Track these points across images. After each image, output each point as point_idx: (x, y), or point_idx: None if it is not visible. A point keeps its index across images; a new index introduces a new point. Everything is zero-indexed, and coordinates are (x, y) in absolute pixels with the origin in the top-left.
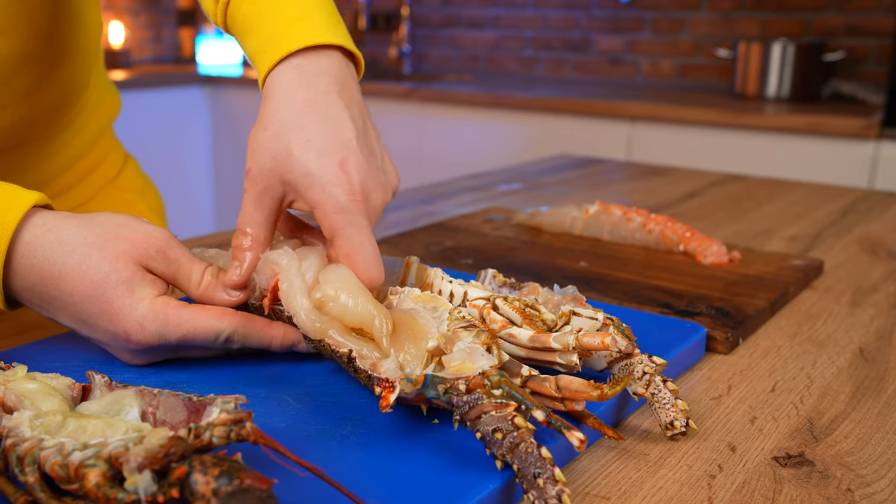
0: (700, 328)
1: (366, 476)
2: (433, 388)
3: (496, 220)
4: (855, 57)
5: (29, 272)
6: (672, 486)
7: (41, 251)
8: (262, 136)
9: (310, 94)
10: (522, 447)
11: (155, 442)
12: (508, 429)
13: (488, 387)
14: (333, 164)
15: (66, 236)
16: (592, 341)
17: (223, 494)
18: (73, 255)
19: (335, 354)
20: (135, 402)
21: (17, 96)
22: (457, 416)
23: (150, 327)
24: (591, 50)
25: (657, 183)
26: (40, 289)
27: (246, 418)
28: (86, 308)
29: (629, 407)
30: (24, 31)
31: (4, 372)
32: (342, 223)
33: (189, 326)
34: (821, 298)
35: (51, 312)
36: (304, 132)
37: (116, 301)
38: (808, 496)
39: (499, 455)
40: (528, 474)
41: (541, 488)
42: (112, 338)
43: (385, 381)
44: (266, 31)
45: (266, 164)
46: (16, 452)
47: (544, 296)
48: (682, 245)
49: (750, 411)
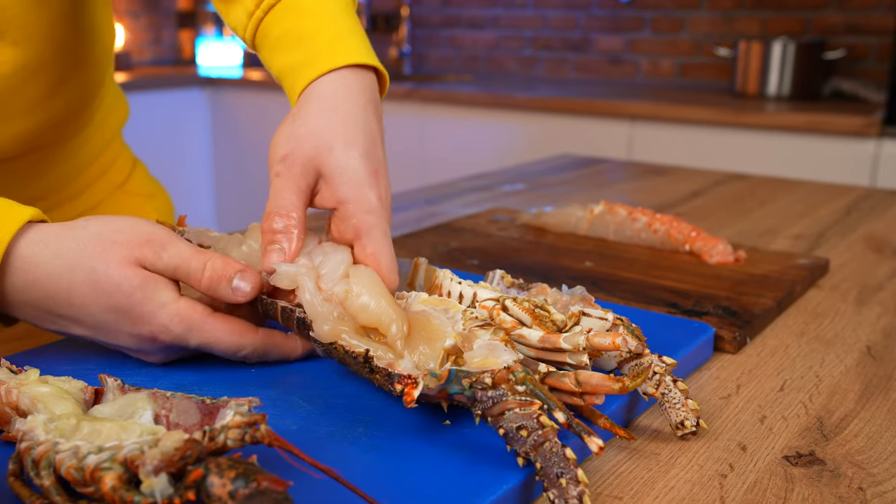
0: (708, 328)
1: (379, 477)
2: (457, 383)
3: (501, 220)
4: (855, 55)
5: (31, 287)
6: (684, 485)
7: (43, 268)
8: (303, 128)
9: (352, 106)
10: (547, 446)
11: (170, 445)
12: (534, 427)
13: (513, 382)
14: (370, 169)
15: (63, 250)
16: (603, 342)
17: (240, 497)
18: (77, 270)
19: (348, 356)
20: (148, 405)
21: (31, 104)
22: (478, 412)
23: (176, 330)
24: (591, 50)
25: (660, 182)
26: (48, 303)
27: (260, 421)
28: (105, 318)
29: (639, 407)
30: (40, 40)
31: (17, 376)
32: (372, 223)
33: (211, 337)
34: (827, 297)
35: (60, 325)
36: (348, 135)
37: (137, 308)
38: (820, 495)
39: (521, 452)
40: (550, 473)
41: (563, 488)
42: (137, 341)
43: (407, 378)
44: (308, 46)
45: (306, 151)
46: (31, 456)
47: (553, 296)
48: (687, 245)
49: (759, 410)
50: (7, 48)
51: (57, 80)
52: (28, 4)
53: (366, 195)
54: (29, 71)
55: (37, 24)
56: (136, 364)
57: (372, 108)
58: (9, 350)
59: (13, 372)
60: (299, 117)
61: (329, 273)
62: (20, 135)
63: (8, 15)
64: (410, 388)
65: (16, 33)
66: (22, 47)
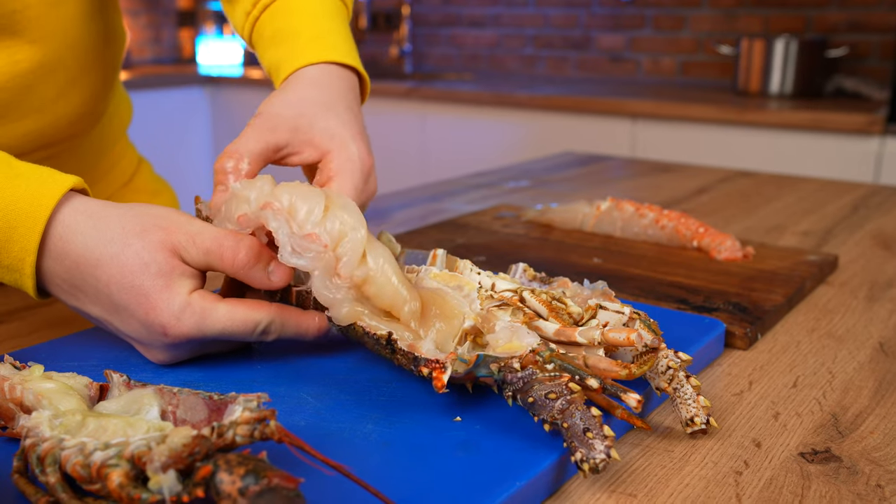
0: (719, 324)
1: (390, 474)
2: (485, 367)
3: (506, 217)
4: (858, 53)
5: (65, 256)
6: (698, 482)
7: (80, 237)
8: (288, 96)
9: (334, 91)
10: (573, 408)
11: (178, 441)
12: (562, 392)
13: (540, 362)
14: (354, 131)
15: (105, 223)
16: (618, 336)
17: (251, 494)
18: (113, 244)
19: (369, 337)
20: (154, 401)
21: (44, 102)
22: (509, 392)
23: (188, 321)
24: (593, 48)
25: (665, 179)
26: (74, 275)
27: (270, 416)
28: (122, 298)
29: (651, 403)
30: (56, 40)
31: (20, 372)
32: (350, 168)
33: (227, 320)
34: (837, 293)
35: (81, 302)
36: (331, 103)
37: (154, 294)
38: (838, 492)
39: (548, 418)
40: (577, 431)
41: (590, 442)
42: (146, 331)
43: (434, 362)
44: (296, 42)
45: (285, 113)
46: (36, 452)
47: (573, 290)
48: (695, 241)
49: (773, 407)
50: (24, 46)
51: (70, 80)
52: (47, 5)
53: (349, 147)
54: (44, 70)
55: (54, 24)
56: (140, 360)
57: (352, 96)
58: (12, 346)
59: (17, 368)
60: (285, 90)
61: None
62: (32, 132)
63: (27, 14)
64: (439, 372)
65: (33, 32)
66: (38, 46)
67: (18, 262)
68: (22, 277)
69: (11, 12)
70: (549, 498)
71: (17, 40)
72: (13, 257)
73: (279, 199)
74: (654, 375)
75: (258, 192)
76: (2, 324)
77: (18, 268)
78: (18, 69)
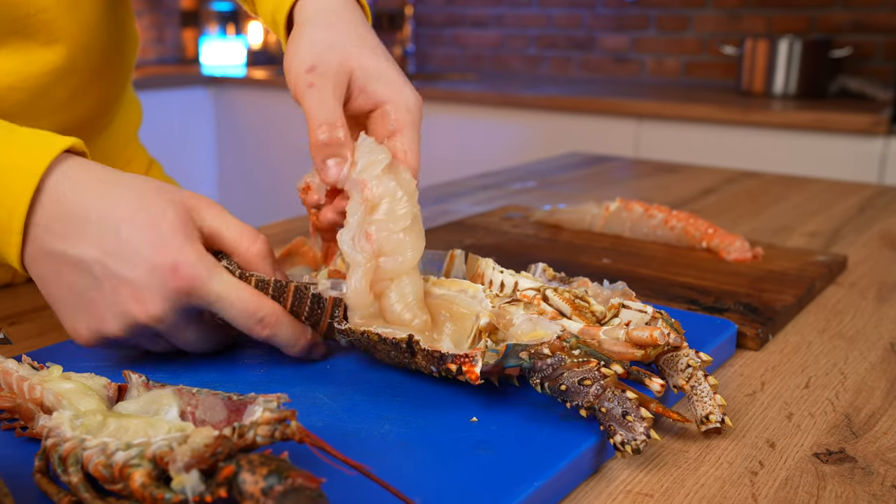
0: (731, 324)
1: (409, 474)
2: (514, 357)
3: (514, 217)
4: (862, 53)
5: (63, 200)
6: (714, 483)
7: (86, 183)
8: (322, 41)
9: (357, 18)
10: (609, 392)
11: (200, 441)
12: (595, 377)
13: (567, 348)
14: (399, 71)
15: (116, 175)
16: (642, 335)
17: (275, 494)
18: (126, 187)
19: (384, 343)
20: (173, 402)
21: (59, 104)
22: (537, 380)
23: (200, 268)
24: (596, 48)
25: (671, 180)
26: (75, 213)
27: (290, 417)
28: (131, 235)
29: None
30: (71, 43)
31: (39, 372)
32: (409, 121)
33: (234, 288)
34: (846, 294)
35: (70, 243)
36: (367, 42)
37: (170, 236)
38: (853, 493)
39: (584, 404)
40: (616, 414)
41: (630, 424)
42: (149, 272)
43: (463, 357)
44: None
45: (333, 58)
46: (58, 452)
47: (594, 290)
48: (704, 241)
49: (786, 407)
50: (40, 49)
51: (84, 83)
52: (64, 8)
53: (404, 94)
54: (59, 72)
55: (69, 28)
56: (156, 362)
57: (369, 27)
58: (25, 347)
59: (35, 368)
60: (307, 32)
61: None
62: None
63: (42, 17)
64: (469, 365)
65: (48, 35)
66: (54, 49)
67: (5, 218)
68: (7, 235)
69: (25, 16)
70: (567, 497)
71: (31, 42)
72: (5, 209)
73: (376, 186)
74: (673, 373)
75: (367, 163)
76: (14, 325)
77: (6, 224)
78: (32, 71)
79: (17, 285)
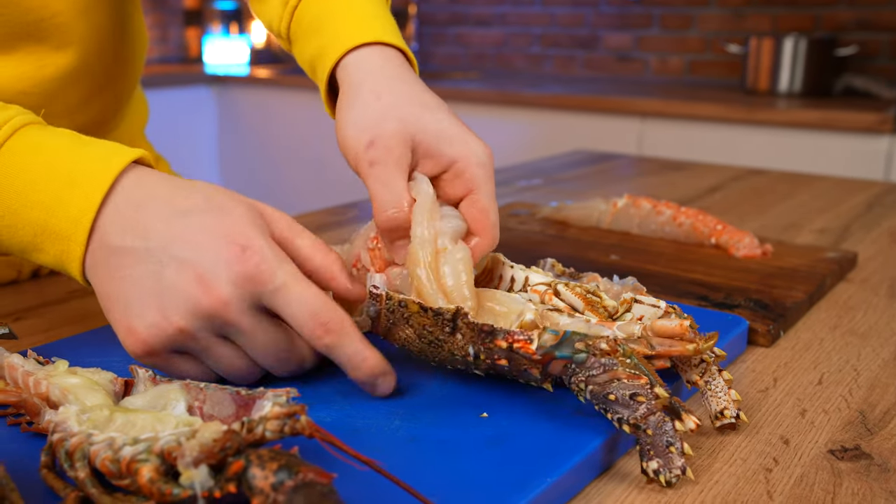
0: (742, 321)
1: (420, 470)
2: (570, 346)
3: (521, 214)
4: (867, 51)
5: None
6: (728, 479)
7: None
8: (376, 108)
9: (406, 74)
10: (658, 416)
11: (209, 436)
12: (648, 396)
13: (620, 354)
14: (462, 126)
15: (188, 180)
16: (668, 324)
17: (286, 489)
18: (199, 188)
19: (421, 316)
20: (181, 397)
21: (69, 108)
22: (582, 378)
23: (266, 255)
24: (600, 47)
25: (677, 178)
26: (137, 206)
27: (300, 411)
28: (198, 221)
29: (681, 397)
30: (84, 47)
31: (45, 367)
32: (484, 177)
33: (300, 284)
34: (858, 290)
35: (132, 237)
36: (424, 100)
37: (239, 223)
38: (870, 490)
39: (630, 420)
40: (659, 443)
41: (671, 457)
42: (216, 253)
43: (516, 333)
44: (341, 24)
45: (392, 127)
46: (64, 447)
47: (604, 285)
48: (713, 238)
49: (799, 404)
50: (52, 53)
51: (96, 86)
52: (77, 12)
53: (473, 149)
54: (71, 76)
55: (83, 31)
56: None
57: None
58: (30, 343)
59: (40, 363)
60: (359, 101)
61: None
62: None
63: (58, 22)
64: (525, 343)
65: (62, 39)
66: (66, 53)
67: (72, 225)
68: (70, 245)
69: (39, 20)
70: (579, 493)
71: (44, 47)
72: (69, 218)
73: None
74: (687, 368)
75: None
76: (19, 320)
77: (69, 233)
78: (44, 75)
79: (22, 282)
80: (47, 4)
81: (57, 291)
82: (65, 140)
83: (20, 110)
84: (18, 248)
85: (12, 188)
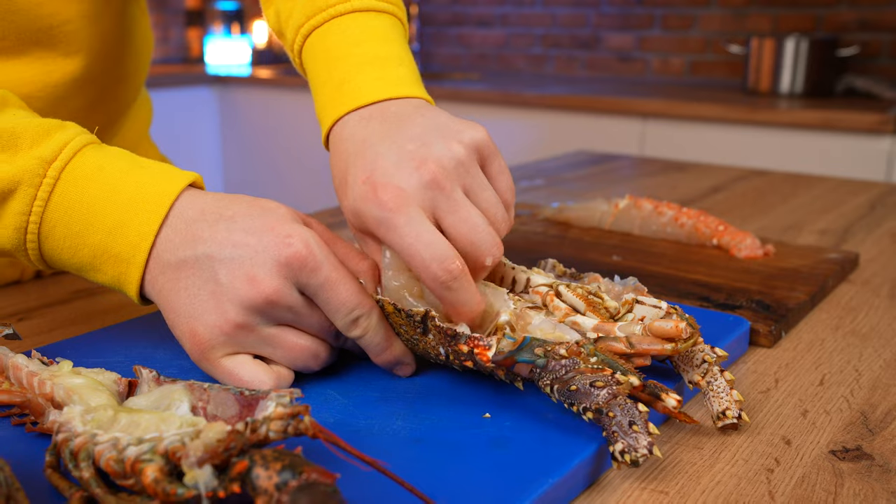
0: (744, 321)
1: (423, 470)
2: (529, 351)
3: (522, 215)
4: (868, 52)
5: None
6: (730, 479)
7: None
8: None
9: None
10: (620, 399)
11: (213, 436)
12: (608, 382)
13: (584, 355)
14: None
15: (232, 196)
16: (665, 325)
17: (290, 489)
18: (244, 199)
19: (398, 314)
20: (184, 397)
21: (74, 113)
22: (547, 381)
23: (311, 242)
24: (601, 47)
25: (679, 178)
26: (189, 222)
27: (304, 412)
28: (244, 223)
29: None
30: (90, 54)
31: (49, 367)
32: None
33: (343, 276)
34: (859, 291)
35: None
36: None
37: (283, 218)
38: (872, 490)
39: (592, 406)
40: (623, 422)
41: (635, 436)
42: (262, 246)
43: (477, 339)
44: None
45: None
46: (69, 447)
47: (605, 286)
48: (715, 239)
49: (800, 404)
50: (60, 59)
51: (103, 91)
52: (87, 20)
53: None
54: (79, 81)
55: (91, 38)
56: (165, 358)
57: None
58: (33, 343)
59: (44, 363)
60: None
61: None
62: None
63: (67, 29)
64: (483, 349)
65: (71, 46)
66: (74, 59)
67: (132, 249)
68: (130, 267)
69: (48, 27)
70: (583, 493)
71: (52, 53)
72: (129, 242)
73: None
74: (689, 369)
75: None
76: (22, 321)
77: (128, 257)
78: (51, 80)
79: (25, 282)
80: (58, 12)
81: (60, 292)
82: (123, 163)
83: (78, 130)
84: (76, 267)
85: (75, 212)
